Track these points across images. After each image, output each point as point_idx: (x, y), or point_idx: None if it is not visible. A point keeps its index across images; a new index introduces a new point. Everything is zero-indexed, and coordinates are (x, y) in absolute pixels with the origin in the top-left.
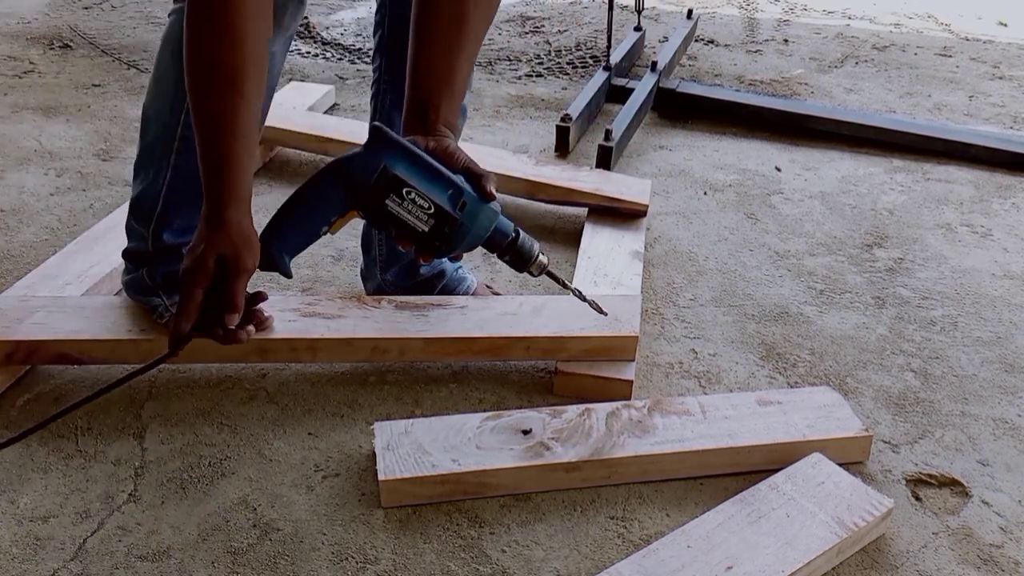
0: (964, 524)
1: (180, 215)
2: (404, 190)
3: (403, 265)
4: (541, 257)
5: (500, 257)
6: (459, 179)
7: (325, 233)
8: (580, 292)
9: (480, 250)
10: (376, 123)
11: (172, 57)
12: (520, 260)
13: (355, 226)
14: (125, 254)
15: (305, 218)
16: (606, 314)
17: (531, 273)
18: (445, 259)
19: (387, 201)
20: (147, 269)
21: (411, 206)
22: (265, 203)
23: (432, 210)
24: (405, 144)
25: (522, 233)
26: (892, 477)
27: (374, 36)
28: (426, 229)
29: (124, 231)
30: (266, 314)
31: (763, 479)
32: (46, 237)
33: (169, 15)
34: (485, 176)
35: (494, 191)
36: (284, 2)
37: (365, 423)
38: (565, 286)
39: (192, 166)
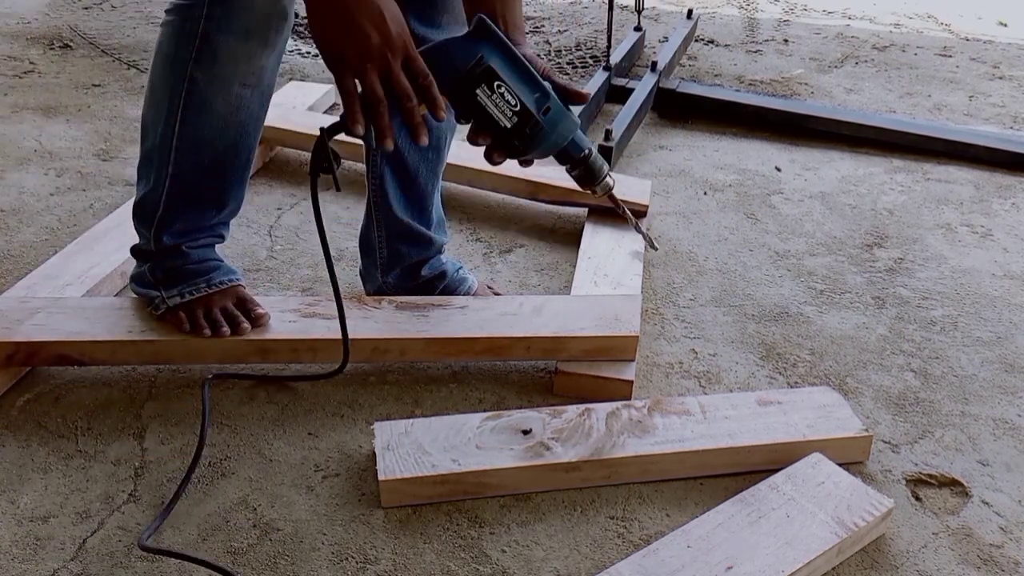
0: (964, 524)
1: (180, 218)
2: (495, 83)
3: (404, 267)
4: (608, 179)
5: (570, 171)
6: (547, 85)
7: None
8: (638, 224)
9: (481, 250)
10: (482, 15)
11: (164, 67)
12: (589, 176)
13: (355, 226)
14: (132, 251)
15: None
16: (656, 249)
17: (594, 191)
18: (446, 260)
19: (477, 91)
20: (150, 265)
21: (499, 100)
22: (265, 203)
23: (518, 107)
24: (505, 40)
25: (595, 152)
26: (892, 477)
27: None
28: (508, 126)
29: (125, 231)
30: (261, 311)
31: (763, 479)
32: (46, 237)
33: (162, 25)
34: (569, 84)
35: (584, 92)
36: (267, 18)
37: (365, 423)
38: (624, 213)
39: (188, 173)
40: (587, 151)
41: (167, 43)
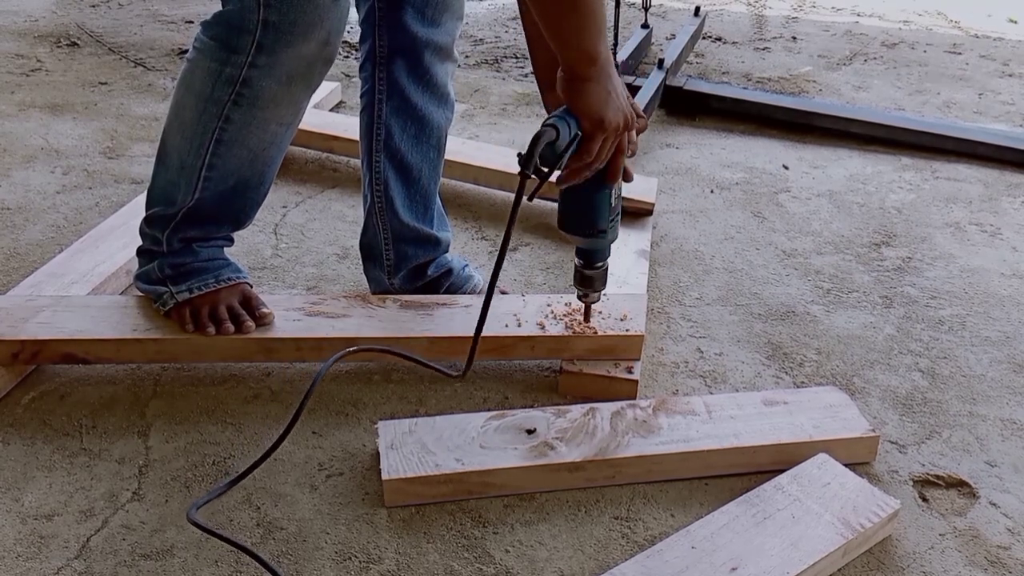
0: (971, 525)
1: (196, 229)
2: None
3: (411, 268)
4: (601, 296)
5: (580, 267)
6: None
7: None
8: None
9: (486, 248)
10: None
11: (198, 104)
12: (590, 281)
13: (361, 224)
14: (139, 252)
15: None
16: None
17: (585, 295)
18: (452, 258)
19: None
20: (157, 262)
21: (615, 202)
22: (269, 201)
23: (616, 214)
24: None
25: (607, 268)
26: (899, 478)
27: (361, 45)
28: (611, 217)
29: (130, 229)
30: (266, 310)
31: (768, 480)
32: (52, 235)
33: (191, 59)
34: (628, 167)
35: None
36: (312, 65)
37: (369, 422)
38: (585, 316)
39: (212, 197)
40: (606, 263)
41: (201, 82)
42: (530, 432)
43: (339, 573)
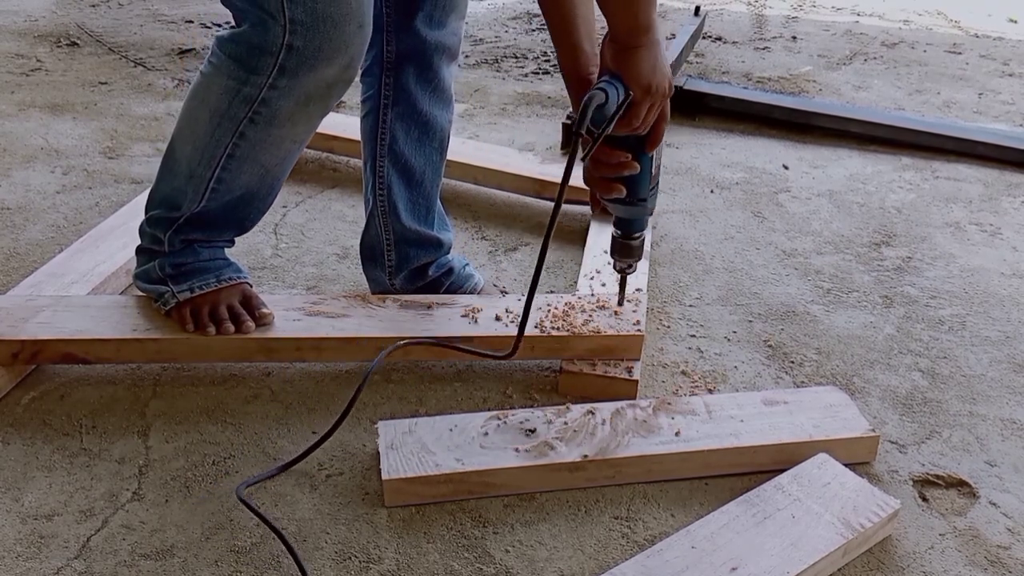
0: (971, 525)
1: (199, 231)
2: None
3: (412, 269)
4: (635, 266)
5: (619, 237)
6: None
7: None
8: (622, 296)
9: (486, 248)
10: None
11: (212, 119)
12: (628, 251)
13: (361, 223)
14: (139, 251)
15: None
16: (621, 306)
17: (622, 265)
18: (452, 257)
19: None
20: (158, 261)
21: (658, 158)
22: None
23: (656, 171)
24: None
25: (644, 238)
26: (899, 478)
27: (368, 51)
28: (649, 183)
29: (130, 229)
30: (266, 310)
31: (769, 479)
32: (52, 235)
33: (207, 73)
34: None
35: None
36: (331, 87)
37: (369, 422)
38: (621, 292)
39: (219, 207)
40: (643, 233)
41: (217, 98)
42: (530, 432)
43: (339, 573)
